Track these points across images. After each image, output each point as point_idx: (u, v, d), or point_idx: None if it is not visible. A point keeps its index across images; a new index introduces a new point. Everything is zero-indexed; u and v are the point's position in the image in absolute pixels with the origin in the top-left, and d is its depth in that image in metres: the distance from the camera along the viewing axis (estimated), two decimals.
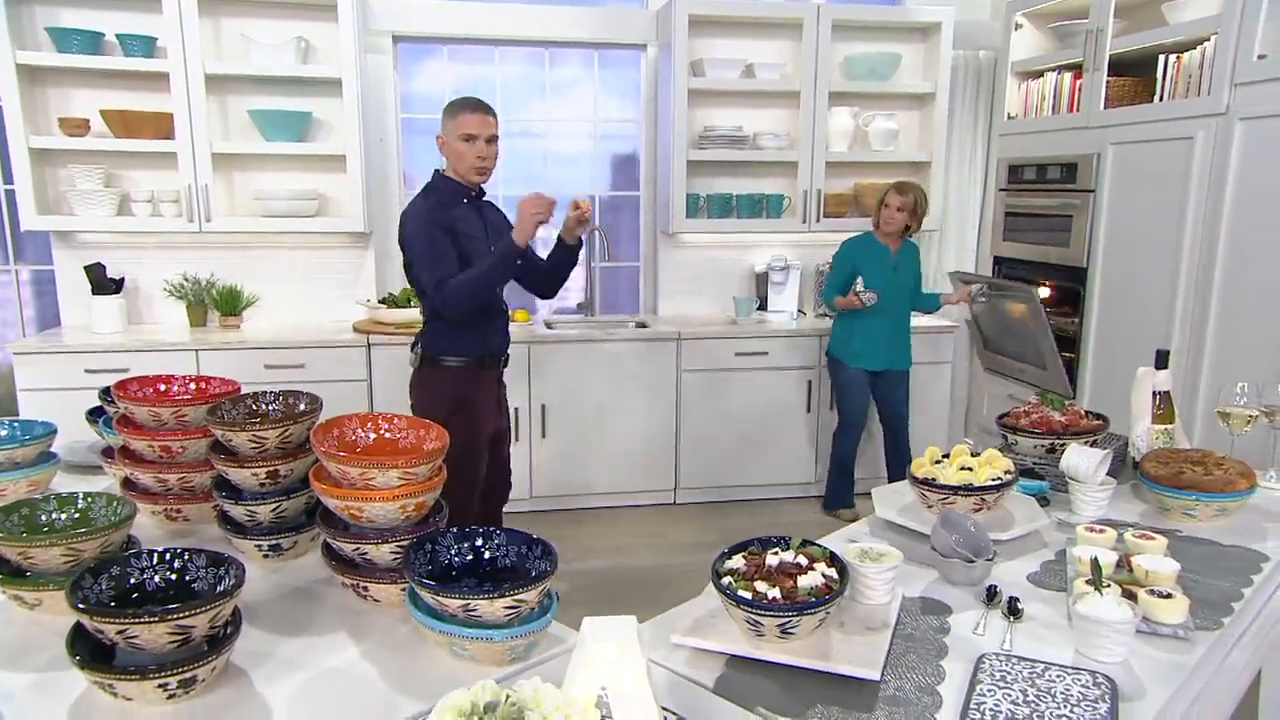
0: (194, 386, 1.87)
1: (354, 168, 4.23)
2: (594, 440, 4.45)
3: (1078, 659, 1.34)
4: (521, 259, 2.83)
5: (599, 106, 4.94)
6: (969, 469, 1.86)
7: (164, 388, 1.85)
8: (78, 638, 1.21)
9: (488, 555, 1.45)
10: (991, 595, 1.53)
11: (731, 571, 1.41)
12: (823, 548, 1.46)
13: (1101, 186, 3.83)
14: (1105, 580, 1.39)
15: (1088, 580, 1.42)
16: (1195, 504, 1.88)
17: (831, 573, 1.39)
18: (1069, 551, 1.56)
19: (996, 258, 4.65)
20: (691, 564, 3.83)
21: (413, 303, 4.36)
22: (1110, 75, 3.81)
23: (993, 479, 1.82)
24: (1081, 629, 1.35)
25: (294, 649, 1.36)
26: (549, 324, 4.74)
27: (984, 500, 1.79)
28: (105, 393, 1.94)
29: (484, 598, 1.26)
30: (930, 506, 1.83)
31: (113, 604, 1.27)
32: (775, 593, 1.32)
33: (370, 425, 1.62)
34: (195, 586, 1.33)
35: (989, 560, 1.61)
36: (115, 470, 1.89)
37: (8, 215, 4.35)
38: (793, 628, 1.30)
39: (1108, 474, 1.93)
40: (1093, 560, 1.42)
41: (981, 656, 1.33)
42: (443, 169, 2.95)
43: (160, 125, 4.04)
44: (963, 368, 5.06)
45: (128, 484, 1.81)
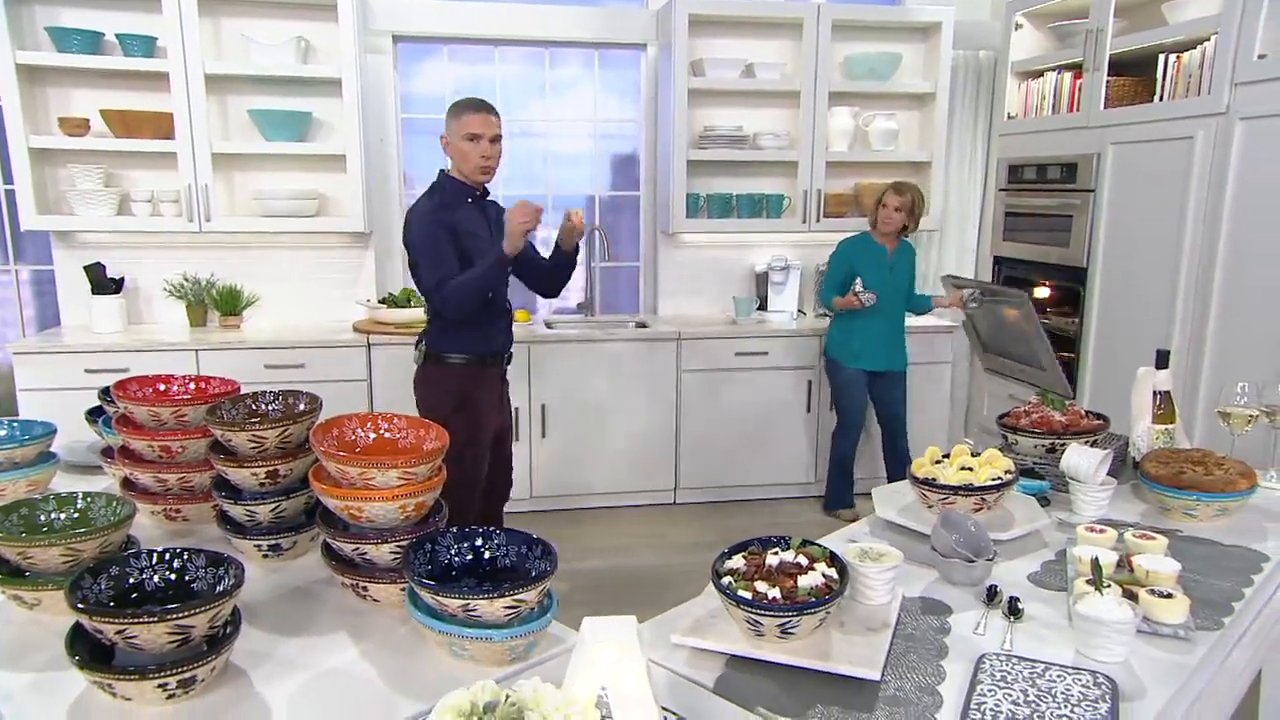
0: (194, 386, 1.87)
1: (354, 168, 4.23)
2: (594, 440, 4.45)
3: (1078, 659, 1.34)
4: (514, 266, 2.90)
5: (599, 106, 4.94)
6: (969, 469, 1.86)
7: (164, 388, 1.85)
8: (77, 638, 1.21)
9: (487, 555, 1.45)
10: (992, 595, 1.53)
11: (731, 571, 1.41)
12: (823, 548, 1.46)
13: (1101, 186, 3.83)
14: (1106, 580, 1.39)
15: (1088, 580, 1.42)
16: (1196, 504, 1.88)
17: (832, 573, 1.39)
18: (1069, 551, 1.55)
19: (996, 258, 4.65)
20: (691, 564, 3.82)
21: (413, 302, 4.37)
22: (1110, 75, 3.81)
23: (993, 479, 1.82)
24: (1082, 629, 1.35)
25: (293, 649, 1.36)
26: (549, 324, 4.74)
27: (984, 500, 1.79)
28: (105, 393, 1.94)
29: (484, 598, 1.26)
30: (930, 506, 1.83)
31: (112, 604, 1.27)
32: (775, 593, 1.32)
33: (370, 425, 1.62)
34: (195, 586, 1.33)
35: (989, 560, 1.61)
36: (115, 470, 1.89)
37: (8, 215, 4.35)
38: (793, 628, 1.30)
39: (1108, 474, 1.93)
40: (1093, 560, 1.42)
41: (982, 656, 1.33)
42: (448, 169, 2.96)
43: (160, 125, 4.04)
44: (963, 368, 5.06)
45: (127, 484, 1.81)
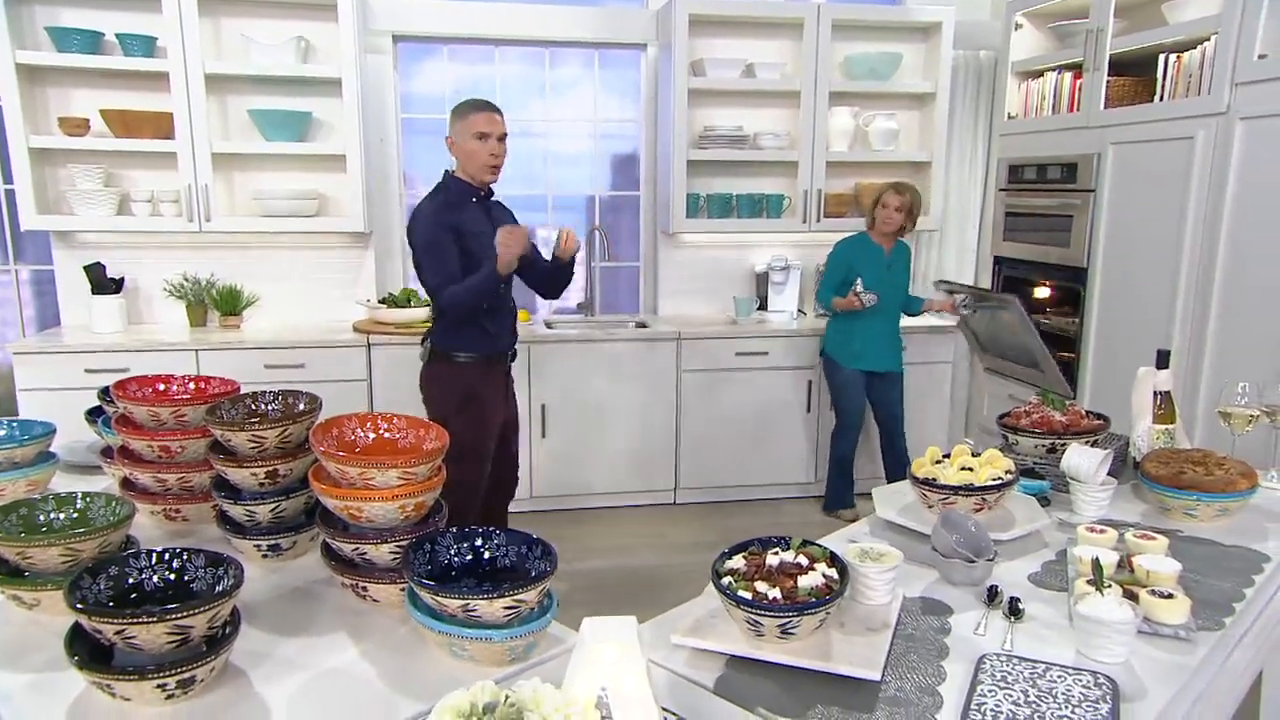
0: (193, 386, 1.87)
1: (354, 168, 4.23)
2: (594, 440, 4.45)
3: (1079, 659, 1.34)
4: (507, 283, 2.98)
5: (599, 106, 4.94)
6: (970, 469, 1.86)
7: (163, 388, 1.85)
8: (76, 638, 1.21)
9: (487, 555, 1.45)
10: (992, 595, 1.52)
11: (732, 572, 1.40)
12: (823, 548, 1.46)
13: (1102, 186, 3.82)
14: (1106, 580, 1.39)
15: (1089, 580, 1.42)
16: (1196, 504, 1.88)
17: (832, 573, 1.39)
18: (1070, 551, 1.55)
19: (997, 258, 4.65)
20: (691, 564, 3.82)
21: (413, 302, 4.37)
22: (1110, 75, 3.81)
23: (993, 479, 1.82)
24: (1083, 629, 1.35)
25: (293, 649, 1.36)
26: (549, 324, 4.74)
27: (985, 500, 1.78)
28: (104, 392, 1.94)
29: (483, 598, 1.26)
30: (931, 506, 1.83)
31: (111, 604, 1.27)
32: (775, 593, 1.32)
33: (370, 425, 1.62)
34: (194, 587, 1.33)
35: (990, 560, 1.60)
36: (114, 470, 1.89)
37: (8, 215, 4.35)
38: (793, 628, 1.30)
39: (1108, 474, 1.92)
40: (1094, 560, 1.42)
41: (982, 657, 1.32)
42: (452, 169, 2.99)
43: (160, 125, 4.04)
44: (963, 368, 5.05)
45: (127, 484, 1.81)
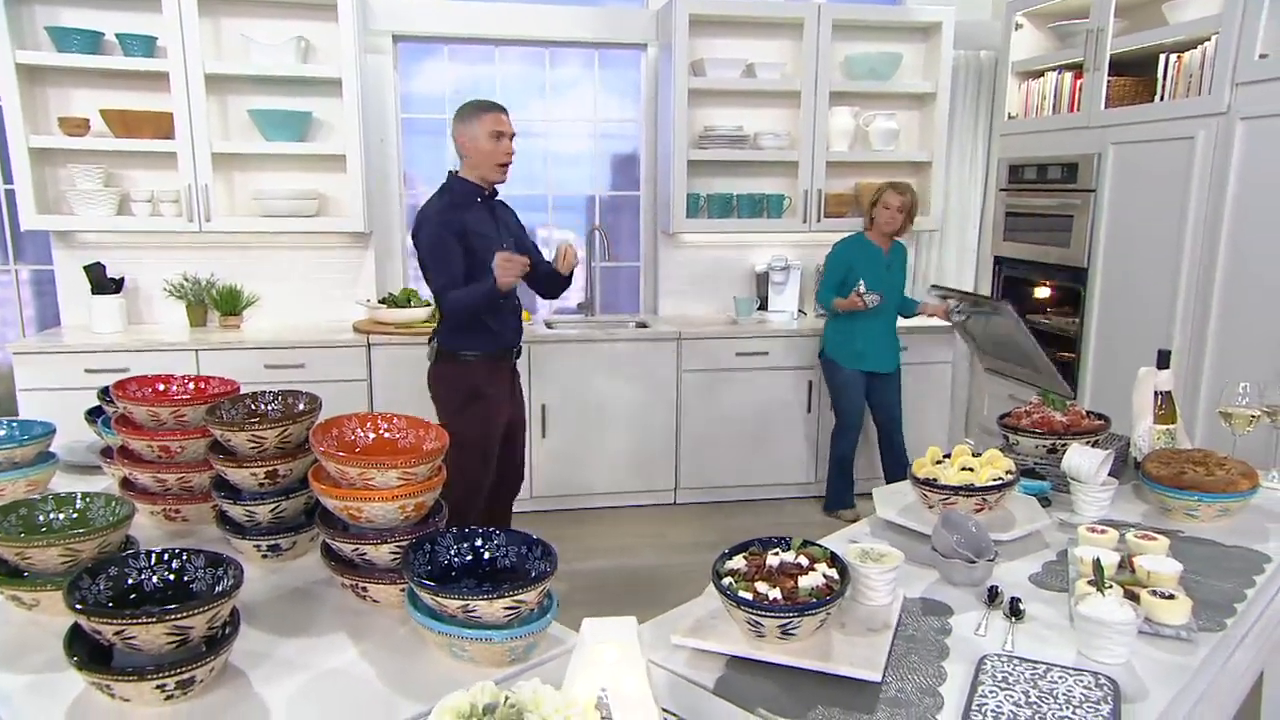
0: (193, 386, 1.87)
1: (354, 168, 4.23)
2: (594, 440, 4.45)
3: (1080, 660, 1.34)
4: (505, 296, 2.99)
5: (599, 106, 4.94)
6: (970, 469, 1.86)
7: (163, 388, 1.85)
8: (75, 638, 1.20)
9: (487, 556, 1.45)
10: (993, 596, 1.52)
11: (732, 572, 1.40)
12: (824, 548, 1.45)
13: (1102, 186, 3.82)
14: (1107, 581, 1.38)
15: (1090, 581, 1.42)
16: (1197, 504, 1.88)
17: (832, 573, 1.38)
18: (1071, 552, 1.55)
19: (997, 258, 4.64)
20: (692, 564, 3.82)
21: (413, 302, 4.37)
22: (1111, 75, 3.80)
23: (994, 479, 1.82)
24: (1083, 630, 1.35)
25: (293, 650, 1.35)
26: (549, 324, 4.73)
27: (985, 500, 1.78)
28: (104, 392, 1.94)
29: (483, 598, 1.25)
30: (931, 507, 1.83)
31: (111, 604, 1.27)
32: (776, 593, 1.32)
33: (369, 425, 1.62)
34: (193, 587, 1.33)
35: (990, 561, 1.60)
36: (114, 470, 1.89)
37: (8, 215, 4.35)
38: (793, 629, 1.30)
39: (1109, 474, 1.92)
40: (1095, 561, 1.42)
41: (983, 658, 1.32)
42: (456, 170, 3.00)
43: (160, 125, 4.04)
44: (963, 368, 5.05)
45: (126, 484, 1.81)
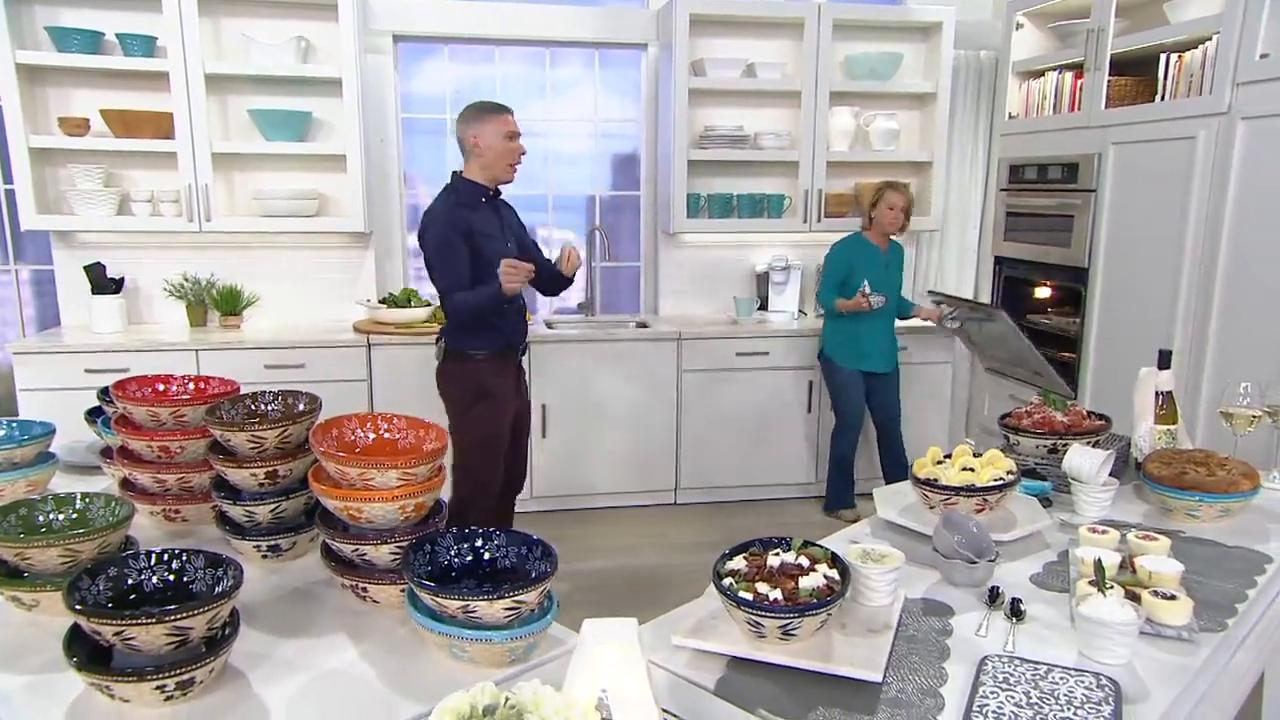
0: (193, 386, 1.86)
1: (354, 168, 4.23)
2: (595, 440, 4.44)
3: (1081, 661, 1.34)
4: (510, 301, 3.02)
5: (599, 106, 4.93)
6: (971, 469, 1.85)
7: (163, 388, 1.84)
8: (75, 639, 1.20)
9: (487, 556, 1.44)
10: (994, 597, 1.52)
11: (733, 573, 1.40)
12: (824, 549, 1.45)
13: (1103, 186, 3.82)
14: (1108, 581, 1.38)
15: (1091, 581, 1.41)
16: (1198, 505, 1.88)
17: (833, 574, 1.38)
18: (1072, 552, 1.55)
19: (997, 258, 4.64)
20: (692, 564, 3.82)
21: (413, 302, 4.37)
22: (1111, 75, 3.80)
23: (995, 479, 1.82)
24: (1085, 630, 1.35)
25: (292, 650, 1.35)
26: (549, 324, 4.73)
27: (986, 501, 1.78)
28: (104, 393, 1.94)
29: (483, 599, 1.25)
30: (932, 507, 1.82)
31: (110, 605, 1.27)
32: (776, 594, 1.31)
33: (369, 425, 1.61)
34: (193, 588, 1.32)
35: (991, 561, 1.60)
36: (114, 470, 1.88)
37: (8, 215, 4.35)
38: (794, 629, 1.29)
39: (1110, 475, 1.92)
40: (1096, 561, 1.42)
41: (984, 658, 1.32)
42: (460, 170, 3.02)
43: (160, 125, 4.03)
44: (963, 368, 5.05)
45: (126, 484, 1.81)
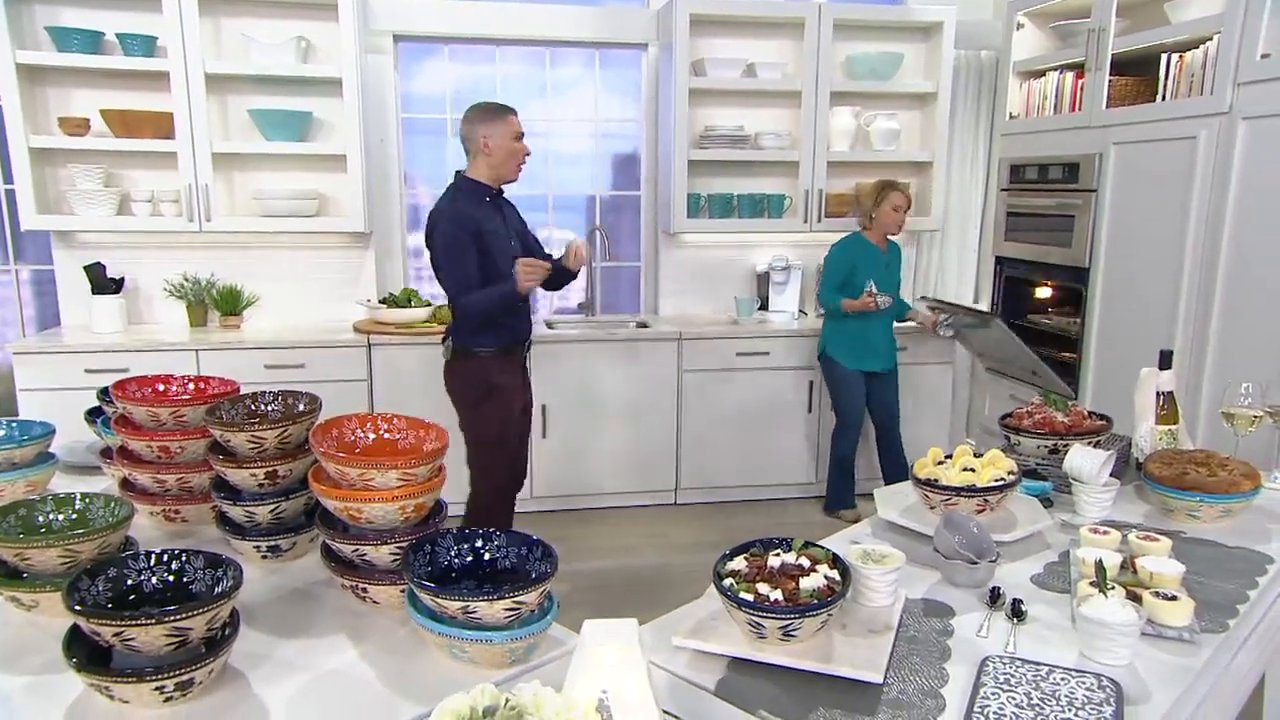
0: (193, 387, 1.86)
1: (354, 167, 4.23)
2: (595, 440, 4.44)
3: (1082, 661, 1.33)
4: (523, 299, 3.09)
5: (600, 106, 4.93)
6: (972, 470, 1.85)
7: (162, 388, 1.84)
8: (74, 640, 1.20)
9: (487, 557, 1.44)
10: (995, 597, 1.52)
11: (733, 573, 1.40)
12: (825, 549, 1.45)
13: (1104, 186, 3.82)
14: (1109, 582, 1.38)
15: (1092, 582, 1.41)
16: (1199, 505, 1.87)
17: (834, 574, 1.38)
18: (1072, 553, 1.55)
19: (998, 258, 4.64)
20: (693, 564, 3.82)
21: (413, 302, 4.37)
22: (1112, 75, 3.80)
23: (996, 480, 1.81)
24: (1086, 631, 1.34)
25: (292, 651, 1.35)
26: (550, 324, 4.73)
27: (987, 501, 1.78)
28: (104, 393, 1.93)
29: (483, 599, 1.25)
30: (933, 507, 1.82)
31: (110, 606, 1.26)
32: (777, 595, 1.31)
33: (369, 426, 1.61)
34: (193, 588, 1.32)
35: (992, 562, 1.60)
36: (113, 471, 1.88)
37: (8, 215, 4.34)
38: (795, 630, 1.29)
39: (1111, 475, 1.92)
40: (1097, 562, 1.42)
41: (985, 659, 1.32)
42: (463, 170, 3.04)
43: (160, 125, 4.03)
44: (963, 368, 5.05)
45: (126, 485, 1.80)
